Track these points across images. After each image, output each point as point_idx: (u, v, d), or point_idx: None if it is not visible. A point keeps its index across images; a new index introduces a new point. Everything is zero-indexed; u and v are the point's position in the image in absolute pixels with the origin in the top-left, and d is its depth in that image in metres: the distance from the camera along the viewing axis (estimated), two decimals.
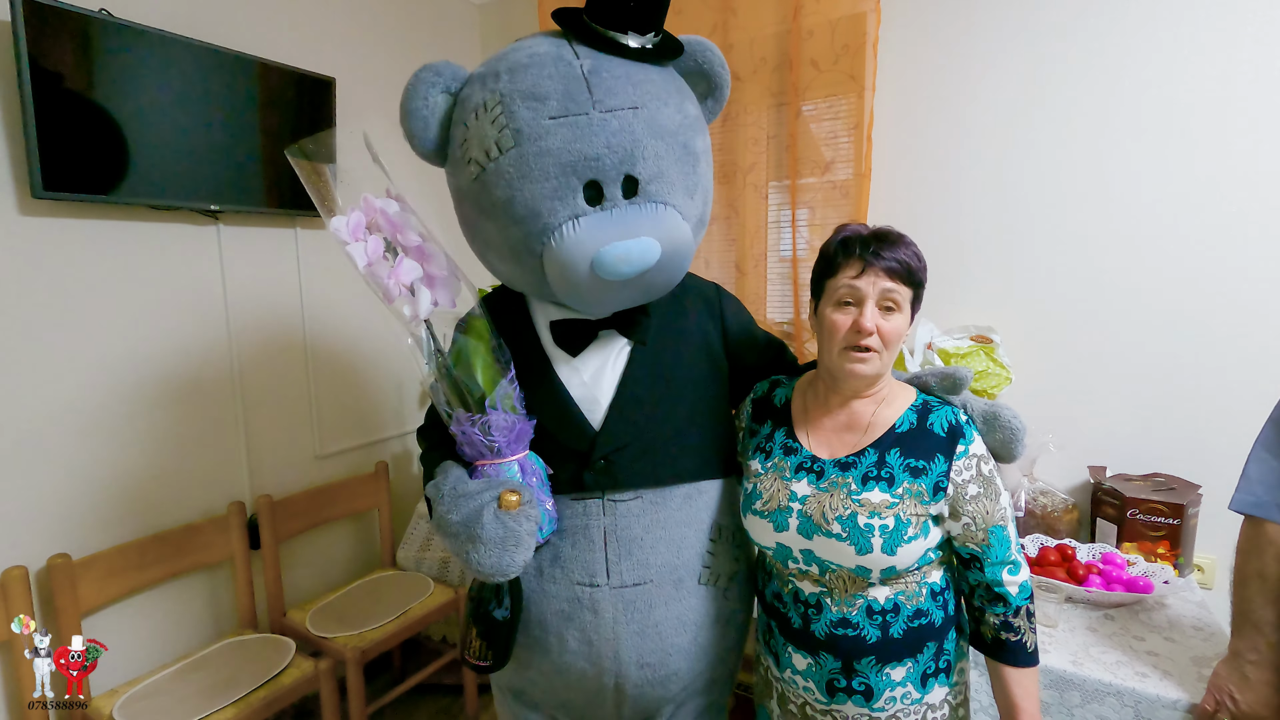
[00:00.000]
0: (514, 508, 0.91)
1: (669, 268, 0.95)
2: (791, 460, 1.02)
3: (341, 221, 0.91)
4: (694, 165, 0.98)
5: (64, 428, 1.56)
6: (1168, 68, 1.59)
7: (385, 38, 2.26)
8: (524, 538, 0.90)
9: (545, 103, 0.89)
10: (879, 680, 0.96)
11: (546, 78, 0.90)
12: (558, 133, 0.89)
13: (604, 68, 0.92)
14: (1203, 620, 1.36)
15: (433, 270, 0.96)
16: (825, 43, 1.88)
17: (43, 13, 1.39)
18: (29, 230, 1.49)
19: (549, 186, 0.89)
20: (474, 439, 0.96)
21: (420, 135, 0.98)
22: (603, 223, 0.90)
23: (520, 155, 0.90)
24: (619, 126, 0.90)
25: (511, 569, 0.90)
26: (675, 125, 0.95)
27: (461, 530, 0.89)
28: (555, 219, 0.90)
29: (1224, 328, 1.58)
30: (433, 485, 0.98)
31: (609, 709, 1.07)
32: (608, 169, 0.89)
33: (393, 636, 1.83)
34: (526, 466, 0.99)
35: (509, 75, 0.92)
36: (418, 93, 0.96)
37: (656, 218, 0.92)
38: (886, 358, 0.96)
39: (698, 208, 1.00)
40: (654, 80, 0.95)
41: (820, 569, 0.96)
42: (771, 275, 2.13)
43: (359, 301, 2.16)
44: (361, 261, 0.91)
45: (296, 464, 2.08)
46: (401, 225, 0.94)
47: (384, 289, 0.92)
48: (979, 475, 0.96)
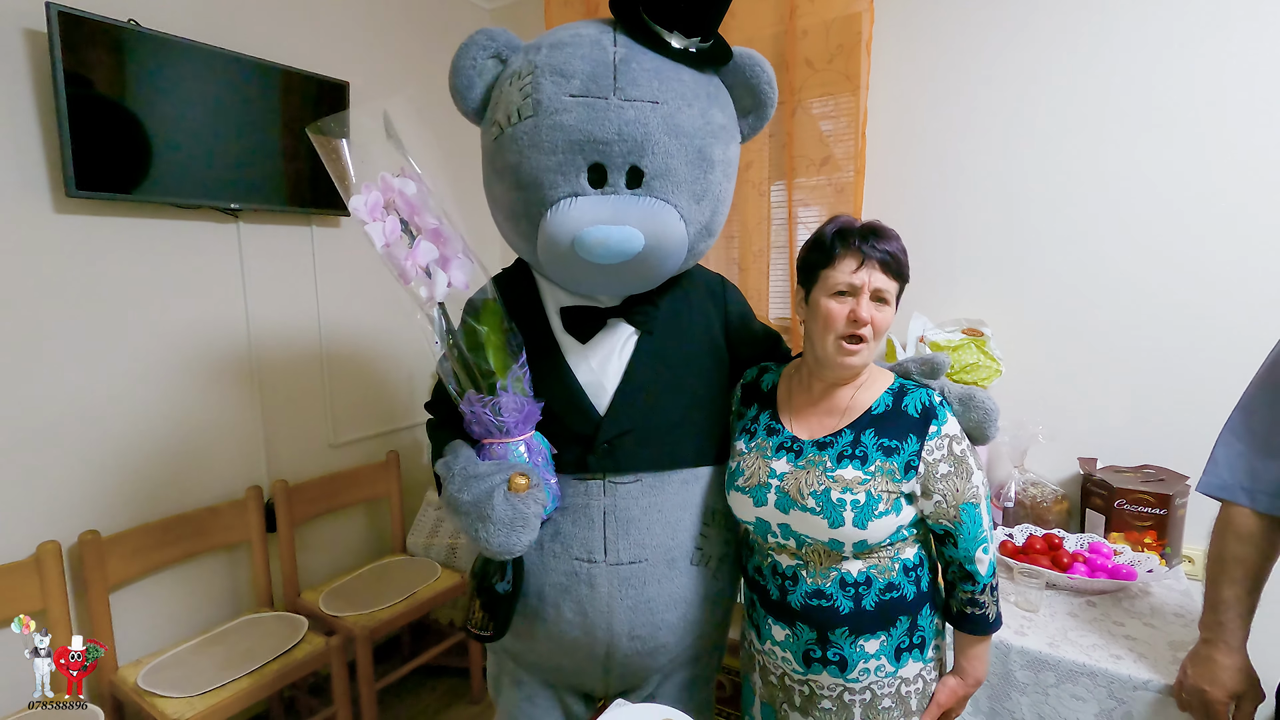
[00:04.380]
0: (523, 490, 0.94)
1: (652, 262, 0.98)
2: (773, 440, 1.06)
3: (360, 201, 0.92)
4: (706, 171, 0.99)
5: (95, 413, 1.65)
6: (1160, 62, 1.61)
7: (398, 43, 2.34)
8: (531, 519, 0.94)
9: (570, 80, 0.92)
10: (853, 651, 1.01)
11: (579, 58, 0.94)
12: (574, 110, 0.92)
13: (635, 59, 0.95)
14: (1185, 608, 1.37)
15: (449, 252, 0.97)
16: (820, 43, 1.93)
17: (75, 23, 1.48)
18: (63, 228, 1.59)
19: (555, 160, 0.93)
20: (484, 418, 0.99)
21: (464, 93, 1.01)
22: (596, 205, 0.93)
23: (535, 125, 0.93)
24: (634, 116, 0.92)
25: (518, 548, 0.94)
26: (694, 128, 0.96)
27: (472, 509, 0.93)
28: (555, 192, 0.94)
29: (1215, 320, 1.60)
30: (443, 463, 1.01)
31: (598, 675, 1.13)
32: (615, 155, 0.92)
33: (401, 617, 1.90)
34: (532, 446, 1.03)
35: (548, 49, 0.96)
36: (468, 53, 0.99)
37: (650, 211, 0.94)
38: (875, 347, 1.00)
39: (704, 214, 1.02)
40: (684, 81, 0.97)
41: (797, 542, 1.01)
42: (773, 273, 2.17)
43: (372, 296, 2.24)
44: (379, 242, 0.92)
45: (312, 452, 2.16)
46: (419, 206, 0.95)
47: (401, 270, 0.94)
48: (950, 454, 1.00)
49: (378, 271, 1.05)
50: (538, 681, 1.19)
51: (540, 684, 1.19)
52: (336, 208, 2.06)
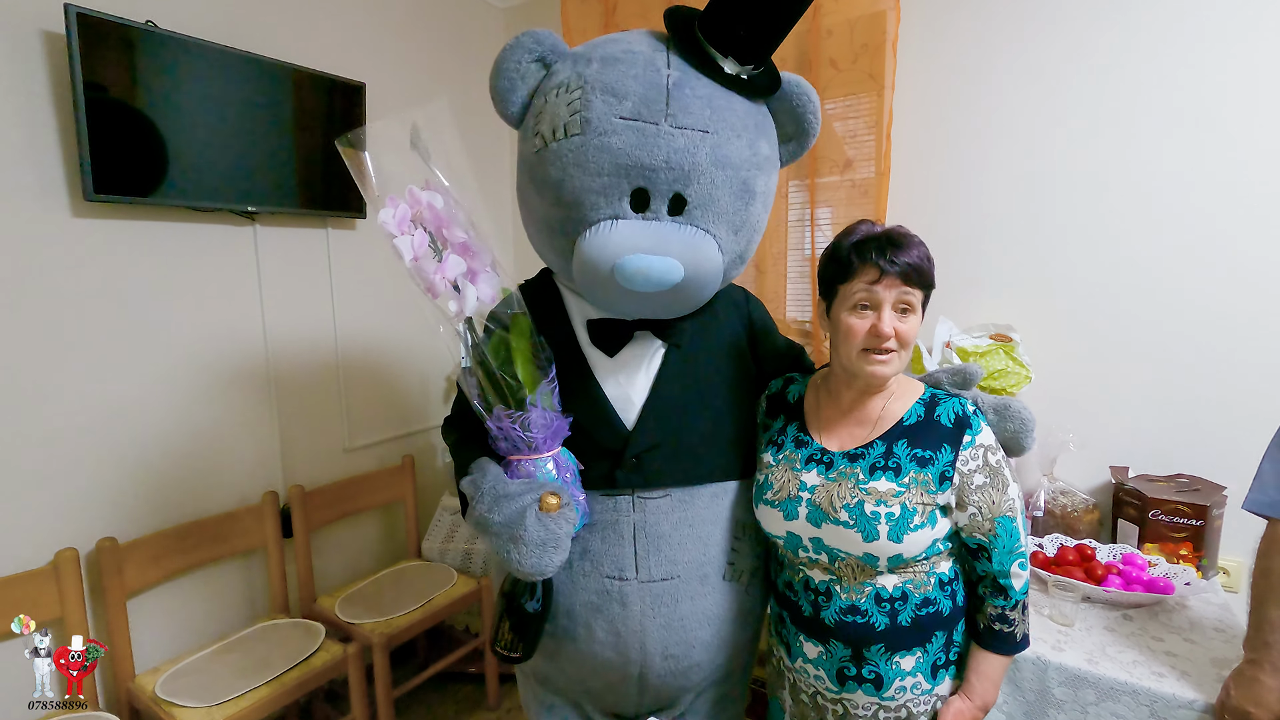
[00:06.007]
0: (554, 510, 0.92)
1: (689, 292, 0.97)
2: (802, 453, 1.04)
3: (389, 214, 0.90)
4: (748, 203, 0.98)
5: (112, 419, 1.64)
6: (1194, 59, 1.56)
7: (413, 43, 2.32)
8: (563, 539, 0.92)
9: (622, 102, 0.91)
10: (889, 669, 0.98)
11: (632, 78, 0.91)
12: (624, 134, 0.90)
13: (688, 84, 0.93)
14: (1225, 622, 1.33)
15: (476, 266, 0.96)
16: (844, 42, 1.89)
17: (94, 25, 1.47)
18: (81, 231, 1.58)
19: (600, 182, 0.91)
20: (512, 434, 0.97)
21: (505, 96, 0.99)
22: (637, 231, 0.91)
23: (583, 144, 0.91)
24: (684, 145, 0.91)
25: (550, 569, 0.92)
26: (740, 160, 0.95)
27: (503, 530, 0.91)
28: (596, 214, 0.92)
29: (1251, 324, 1.55)
30: (469, 482, 0.98)
31: (632, 696, 1.11)
32: (660, 182, 0.91)
33: (418, 624, 1.88)
34: (560, 461, 1.01)
35: (600, 64, 0.94)
36: (513, 55, 0.97)
37: (692, 241, 0.93)
38: (905, 356, 0.98)
39: (740, 245, 1.01)
40: (735, 110, 0.95)
41: (829, 557, 0.98)
42: (791, 274, 2.14)
43: (387, 298, 2.22)
44: (408, 255, 0.90)
45: (327, 456, 2.15)
46: (447, 220, 0.94)
47: (430, 284, 0.92)
48: (985, 465, 0.97)
49: (392, 273, 1.04)
50: (568, 704, 1.17)
51: (570, 706, 1.17)
52: (351, 209, 2.05)
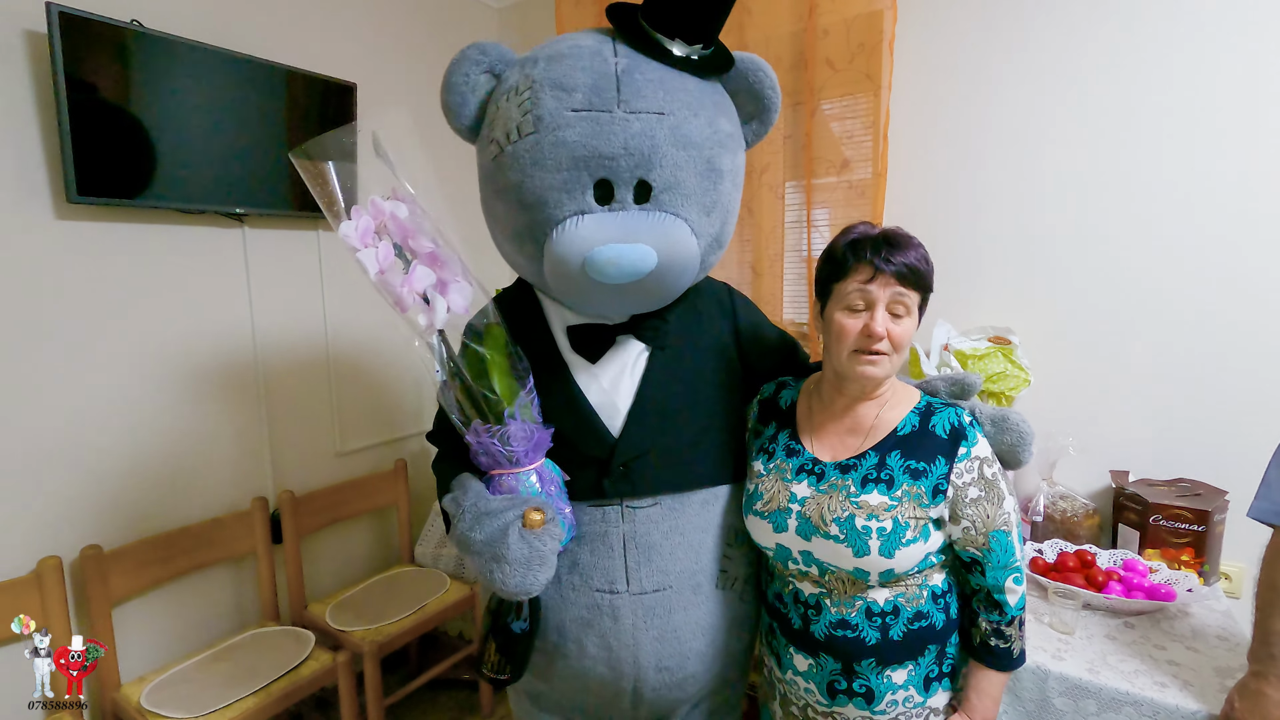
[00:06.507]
0: (538, 526, 0.89)
1: (666, 279, 0.94)
2: (793, 462, 1.01)
3: (351, 227, 0.87)
4: (715, 182, 0.95)
5: (96, 424, 1.62)
6: (1191, 62, 1.54)
7: (405, 43, 2.30)
8: (549, 556, 0.89)
9: (571, 94, 0.88)
10: (880, 683, 0.95)
11: (579, 70, 0.90)
12: (577, 126, 0.88)
13: (638, 69, 0.91)
14: (1228, 630, 1.31)
15: (446, 276, 0.92)
16: (841, 42, 1.87)
17: (77, 24, 1.44)
18: (64, 234, 1.55)
19: (560, 178, 0.89)
20: (491, 449, 0.94)
21: (457, 110, 0.98)
22: (604, 223, 0.89)
23: (537, 142, 0.89)
24: (640, 129, 0.88)
25: (535, 588, 0.89)
26: (702, 138, 0.93)
27: (485, 550, 0.88)
28: (561, 212, 0.89)
29: (1252, 328, 1.53)
30: (450, 500, 0.96)
31: (626, 711, 1.08)
32: (621, 170, 0.88)
33: (410, 631, 1.86)
34: (543, 474, 0.98)
35: (546, 63, 0.92)
36: (460, 69, 0.96)
37: (662, 227, 0.90)
38: (897, 360, 0.95)
39: (714, 226, 0.98)
40: (689, 90, 0.93)
41: (819, 570, 0.96)
42: (788, 275, 2.12)
43: (378, 301, 2.18)
44: (373, 269, 0.88)
45: (318, 461, 2.12)
46: (413, 230, 0.90)
47: (397, 297, 0.89)
48: (980, 478, 0.94)
49: None
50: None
51: None
52: None
